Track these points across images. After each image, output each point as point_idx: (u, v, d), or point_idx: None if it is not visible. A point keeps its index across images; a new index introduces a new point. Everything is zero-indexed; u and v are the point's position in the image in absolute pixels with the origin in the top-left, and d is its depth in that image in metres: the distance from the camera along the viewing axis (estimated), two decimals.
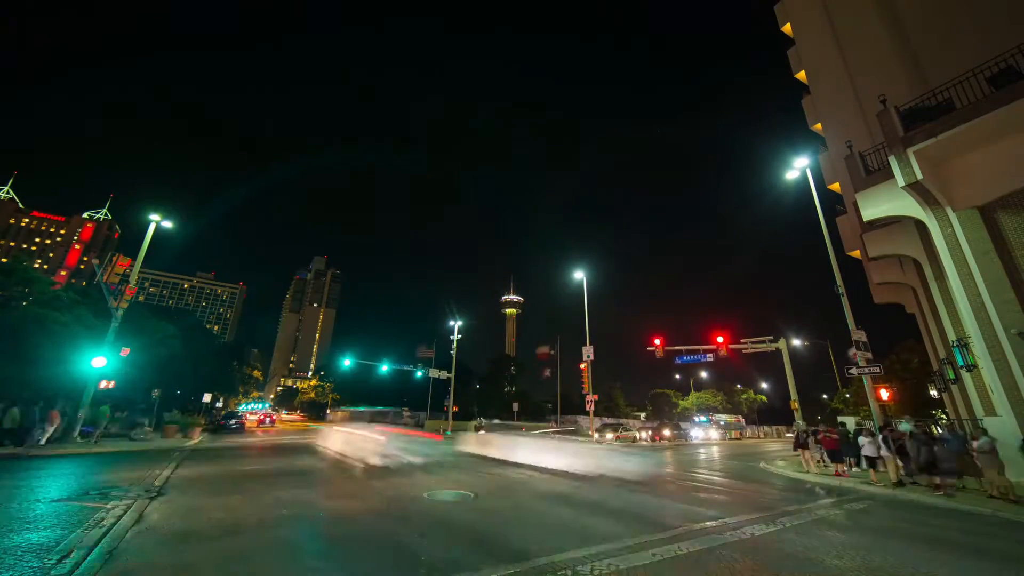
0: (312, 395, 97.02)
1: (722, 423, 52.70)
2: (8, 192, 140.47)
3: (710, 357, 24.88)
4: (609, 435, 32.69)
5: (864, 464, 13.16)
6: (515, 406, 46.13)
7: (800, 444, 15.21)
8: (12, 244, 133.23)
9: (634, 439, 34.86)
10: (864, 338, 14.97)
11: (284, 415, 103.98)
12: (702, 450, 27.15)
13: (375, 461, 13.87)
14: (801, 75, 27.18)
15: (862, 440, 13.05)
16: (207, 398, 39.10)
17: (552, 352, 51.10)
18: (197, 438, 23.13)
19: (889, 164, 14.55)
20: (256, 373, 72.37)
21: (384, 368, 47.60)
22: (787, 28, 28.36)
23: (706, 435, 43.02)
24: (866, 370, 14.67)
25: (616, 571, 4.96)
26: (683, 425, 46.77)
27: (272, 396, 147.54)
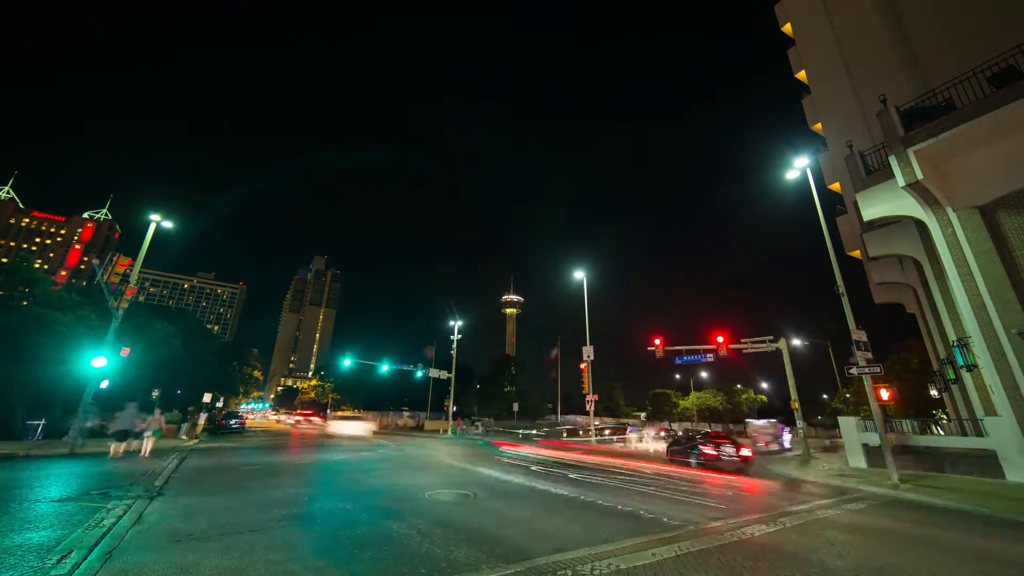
0: (312, 395, 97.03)
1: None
2: (8, 192, 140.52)
3: (710, 357, 24.78)
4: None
5: None
6: (515, 406, 46.13)
7: None
8: (12, 244, 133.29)
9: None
10: (864, 338, 14.93)
11: (282, 414, 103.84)
12: None
13: None
14: (801, 75, 27.16)
15: None
16: (207, 398, 39.12)
17: (556, 354, 51.16)
18: (195, 439, 23.15)
19: (889, 164, 14.54)
20: (256, 373, 72.36)
21: (384, 368, 47.58)
22: (787, 28, 28.34)
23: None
24: (866, 370, 14.64)
25: (616, 571, 4.96)
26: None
27: (272, 396, 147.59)
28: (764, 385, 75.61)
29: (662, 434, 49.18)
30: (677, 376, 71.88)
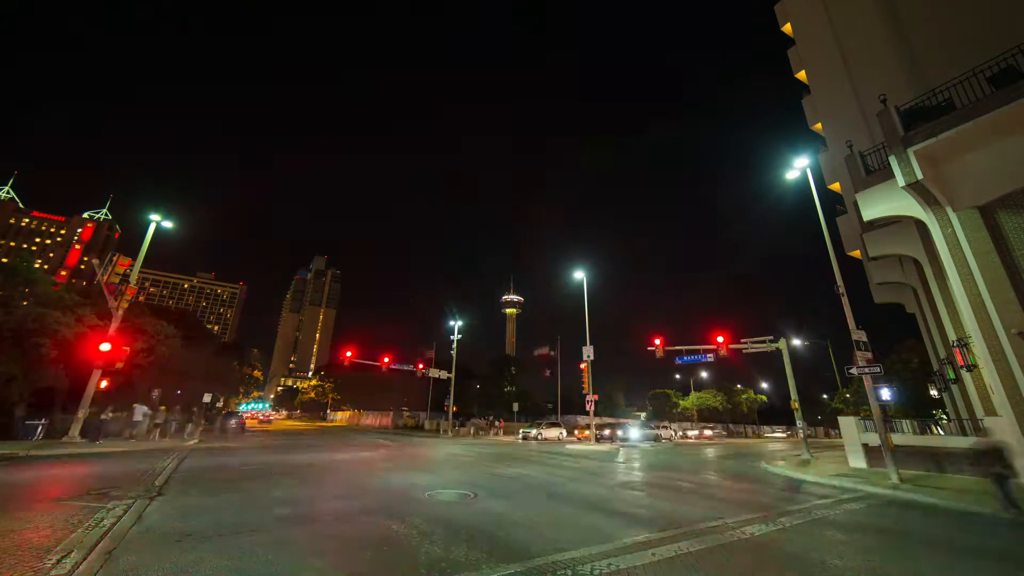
0: (312, 395, 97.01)
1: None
2: (8, 192, 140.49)
3: (710, 357, 24.74)
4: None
5: None
6: (515, 406, 46.11)
7: None
8: (12, 244, 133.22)
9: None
10: (864, 338, 14.92)
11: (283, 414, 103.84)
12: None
13: None
14: (801, 75, 27.16)
15: None
16: (207, 398, 39.05)
17: (552, 352, 51.12)
18: (195, 439, 23.15)
19: (889, 164, 14.53)
20: (256, 373, 72.37)
21: (384, 368, 47.49)
22: (787, 28, 28.35)
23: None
24: (866, 370, 14.64)
25: (616, 571, 4.96)
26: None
27: (272, 396, 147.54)
28: (764, 385, 75.64)
29: (661, 433, 49.12)
30: (677, 376, 71.84)
